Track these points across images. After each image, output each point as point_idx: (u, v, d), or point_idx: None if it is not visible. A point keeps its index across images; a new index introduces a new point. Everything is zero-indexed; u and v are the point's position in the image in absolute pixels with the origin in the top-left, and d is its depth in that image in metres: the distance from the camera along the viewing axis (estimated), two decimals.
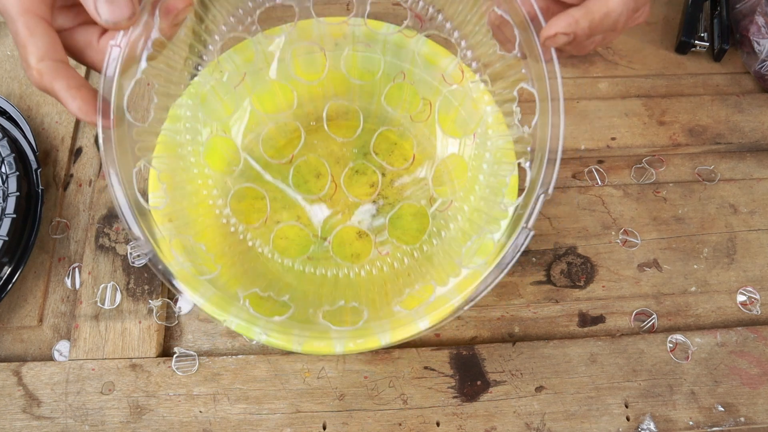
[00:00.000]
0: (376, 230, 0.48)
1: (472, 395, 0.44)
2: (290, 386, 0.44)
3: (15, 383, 0.43)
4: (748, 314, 0.48)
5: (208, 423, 0.42)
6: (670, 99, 0.57)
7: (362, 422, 0.43)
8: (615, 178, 0.54)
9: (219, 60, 0.47)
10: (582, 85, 0.58)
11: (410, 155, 0.52)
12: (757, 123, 0.56)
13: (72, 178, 0.52)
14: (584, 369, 0.45)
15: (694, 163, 0.55)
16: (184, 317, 0.47)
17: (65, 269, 0.49)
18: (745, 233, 0.51)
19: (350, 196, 0.49)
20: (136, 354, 0.45)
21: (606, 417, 0.43)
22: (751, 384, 0.45)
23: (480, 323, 0.47)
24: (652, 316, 0.48)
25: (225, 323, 0.36)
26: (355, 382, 0.44)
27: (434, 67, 0.45)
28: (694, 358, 0.46)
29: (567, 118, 0.56)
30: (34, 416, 0.42)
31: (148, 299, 0.46)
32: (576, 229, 0.51)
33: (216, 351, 0.46)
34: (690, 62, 0.60)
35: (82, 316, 0.46)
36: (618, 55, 0.60)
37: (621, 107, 0.57)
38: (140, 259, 0.48)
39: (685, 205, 0.52)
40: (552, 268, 0.49)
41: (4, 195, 0.47)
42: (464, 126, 0.46)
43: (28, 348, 0.46)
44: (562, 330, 0.47)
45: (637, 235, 0.51)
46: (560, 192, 0.53)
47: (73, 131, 0.54)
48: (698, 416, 0.43)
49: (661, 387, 0.44)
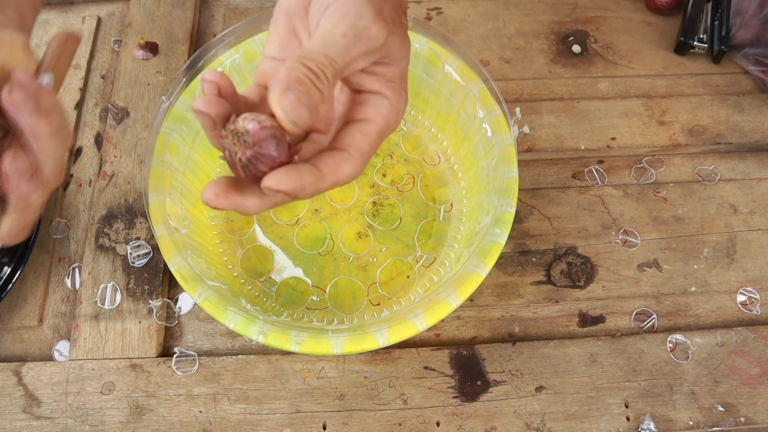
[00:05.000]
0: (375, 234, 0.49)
1: (472, 395, 0.44)
2: (290, 386, 0.44)
3: (15, 383, 0.43)
4: (748, 314, 0.48)
5: (208, 423, 0.42)
6: (670, 99, 0.57)
7: (362, 422, 0.43)
8: (615, 178, 0.54)
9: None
10: (582, 85, 0.58)
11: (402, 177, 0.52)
12: (757, 123, 0.56)
13: (72, 178, 0.52)
14: (584, 369, 0.45)
15: (694, 163, 0.55)
16: (184, 317, 0.47)
17: (65, 269, 0.49)
18: (745, 233, 0.51)
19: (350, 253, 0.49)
20: (136, 354, 0.45)
21: (606, 417, 0.43)
22: (751, 384, 0.45)
23: (480, 323, 0.47)
24: (652, 316, 0.48)
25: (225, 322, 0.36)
26: (355, 382, 0.44)
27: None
28: (694, 358, 0.45)
29: (567, 118, 0.56)
30: (34, 416, 0.42)
31: (148, 299, 0.46)
32: (576, 229, 0.51)
33: (216, 351, 0.46)
34: (690, 62, 0.60)
35: (82, 316, 0.46)
36: (618, 55, 0.60)
37: (621, 107, 0.57)
38: (140, 259, 0.48)
39: (685, 205, 0.52)
40: (552, 268, 0.49)
41: None
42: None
43: (28, 348, 0.46)
44: (562, 330, 0.47)
45: (637, 235, 0.51)
46: (560, 192, 0.53)
47: (73, 131, 0.54)
48: (698, 416, 0.43)
49: (661, 387, 0.44)
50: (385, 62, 0.29)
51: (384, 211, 0.49)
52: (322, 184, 0.27)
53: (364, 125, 0.29)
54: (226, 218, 0.48)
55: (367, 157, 0.29)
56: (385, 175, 0.51)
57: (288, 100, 0.25)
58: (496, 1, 0.63)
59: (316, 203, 0.49)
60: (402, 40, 0.30)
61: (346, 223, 0.48)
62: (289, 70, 0.25)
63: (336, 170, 0.27)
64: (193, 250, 0.41)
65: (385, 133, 0.30)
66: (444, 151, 0.51)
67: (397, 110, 0.30)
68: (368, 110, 0.29)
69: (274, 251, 0.47)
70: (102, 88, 0.57)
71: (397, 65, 0.30)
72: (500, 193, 0.41)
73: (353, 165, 0.28)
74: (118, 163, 0.52)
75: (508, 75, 0.58)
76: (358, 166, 0.28)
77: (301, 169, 0.26)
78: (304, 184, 0.26)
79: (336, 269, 0.47)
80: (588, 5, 0.63)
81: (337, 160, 0.27)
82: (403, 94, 0.30)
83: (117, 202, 0.50)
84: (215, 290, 0.38)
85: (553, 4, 0.63)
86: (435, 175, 0.51)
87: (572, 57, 0.60)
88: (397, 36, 0.29)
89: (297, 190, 0.25)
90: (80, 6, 0.62)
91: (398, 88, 0.30)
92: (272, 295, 0.45)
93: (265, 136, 0.25)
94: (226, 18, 0.61)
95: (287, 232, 0.48)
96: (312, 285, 0.46)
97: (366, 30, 0.27)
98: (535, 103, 0.57)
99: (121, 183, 0.51)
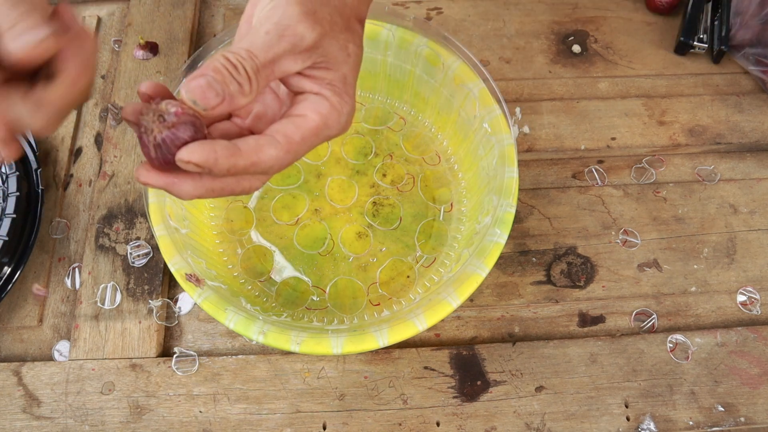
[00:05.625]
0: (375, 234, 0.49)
1: (472, 395, 0.44)
2: (290, 386, 0.44)
3: (15, 383, 0.43)
4: (748, 314, 0.48)
5: (208, 423, 0.42)
6: (670, 99, 0.57)
7: (362, 422, 0.43)
8: (615, 178, 0.54)
9: None
10: (582, 85, 0.58)
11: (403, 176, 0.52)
12: (757, 123, 0.56)
13: (72, 178, 0.52)
14: (584, 369, 0.45)
15: (694, 163, 0.55)
16: (184, 317, 0.47)
17: (65, 269, 0.49)
18: (745, 233, 0.51)
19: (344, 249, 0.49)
20: (136, 354, 0.45)
21: (606, 417, 0.43)
22: (751, 384, 0.45)
23: (480, 323, 0.47)
24: (652, 316, 0.48)
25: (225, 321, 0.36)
26: (355, 382, 0.44)
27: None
28: (694, 358, 0.45)
29: (567, 118, 0.56)
30: (34, 416, 0.42)
31: (148, 299, 0.46)
32: (576, 229, 0.51)
33: (216, 351, 0.46)
34: (690, 62, 0.60)
35: (82, 316, 0.46)
36: (618, 55, 0.60)
37: (621, 107, 0.57)
38: (140, 260, 0.48)
39: (685, 205, 0.52)
40: (552, 268, 0.49)
41: (4, 195, 0.47)
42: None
43: (28, 348, 0.46)
44: (562, 330, 0.47)
45: (637, 235, 0.51)
46: (560, 192, 0.53)
47: (73, 131, 0.54)
48: (698, 416, 0.43)
49: (661, 387, 0.44)
50: (324, 66, 0.29)
51: (384, 211, 0.49)
52: (239, 161, 0.26)
53: (298, 119, 0.29)
54: (226, 218, 0.48)
55: (296, 147, 0.28)
56: (385, 175, 0.51)
57: (195, 83, 0.25)
58: (496, 1, 0.63)
59: (316, 203, 0.49)
60: (343, 45, 0.30)
61: (346, 223, 0.48)
62: (210, 61, 0.26)
63: (257, 150, 0.27)
64: (193, 250, 0.41)
65: (323, 133, 0.29)
66: (444, 151, 0.51)
67: (339, 112, 0.29)
68: (305, 107, 0.29)
69: (274, 251, 0.47)
70: (102, 88, 0.57)
71: (337, 70, 0.30)
72: (500, 193, 0.41)
73: (277, 150, 0.28)
74: (118, 163, 0.52)
75: (508, 75, 0.58)
76: (283, 153, 0.28)
77: (215, 143, 0.26)
78: (217, 157, 0.26)
79: (336, 269, 0.47)
80: (588, 5, 0.63)
81: (260, 142, 0.27)
82: (347, 98, 0.30)
83: (117, 202, 0.50)
84: (215, 290, 0.38)
85: (553, 4, 0.63)
86: (435, 175, 0.51)
87: (572, 57, 0.60)
88: (338, 41, 0.29)
89: (210, 162, 0.25)
90: (80, 6, 0.62)
91: (340, 91, 0.30)
92: (272, 295, 0.45)
93: (184, 120, 0.26)
94: (226, 18, 0.61)
95: (287, 232, 0.48)
96: (312, 285, 0.46)
97: (290, 28, 0.27)
98: (535, 103, 0.57)
99: (121, 183, 0.51)
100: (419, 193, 0.50)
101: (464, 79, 0.46)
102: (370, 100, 0.53)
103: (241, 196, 0.49)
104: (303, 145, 0.29)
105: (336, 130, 0.30)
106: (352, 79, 0.31)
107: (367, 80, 0.52)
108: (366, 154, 0.51)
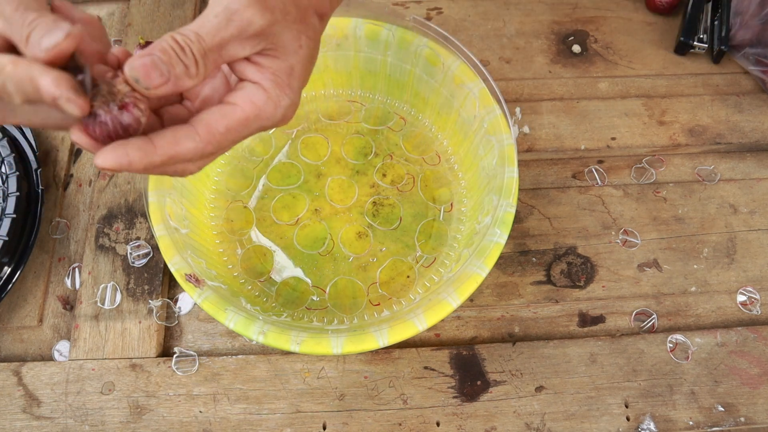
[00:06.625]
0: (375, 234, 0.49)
1: (472, 395, 0.44)
2: (290, 386, 0.44)
3: (15, 383, 0.43)
4: (748, 314, 0.48)
5: (208, 423, 0.42)
6: (670, 99, 0.57)
7: (362, 422, 0.43)
8: (615, 178, 0.54)
9: None
10: (582, 85, 0.58)
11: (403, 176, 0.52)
12: (757, 123, 0.56)
13: (72, 178, 0.52)
14: (584, 369, 0.45)
15: (694, 163, 0.55)
16: (184, 317, 0.47)
17: (65, 269, 0.49)
18: (745, 233, 0.51)
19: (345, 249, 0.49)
20: (136, 354, 0.45)
21: (606, 417, 0.43)
22: (751, 384, 0.45)
23: (480, 323, 0.47)
24: (652, 316, 0.48)
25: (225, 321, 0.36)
26: (355, 382, 0.44)
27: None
28: (694, 358, 0.45)
29: (567, 118, 0.56)
30: (34, 416, 0.42)
31: (148, 299, 0.46)
32: (576, 229, 0.51)
33: (216, 351, 0.46)
34: (690, 62, 0.60)
35: (82, 316, 0.46)
36: (618, 55, 0.60)
37: (621, 107, 0.57)
38: (140, 260, 0.48)
39: (685, 205, 0.52)
40: (552, 268, 0.49)
41: (4, 195, 0.47)
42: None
43: (28, 348, 0.46)
44: (562, 330, 0.47)
45: (637, 235, 0.51)
46: (560, 192, 0.53)
47: None
48: (698, 416, 0.43)
49: (661, 387, 0.44)
50: (272, 54, 0.29)
51: (384, 211, 0.49)
52: (154, 158, 0.26)
53: (227, 108, 0.28)
54: (226, 218, 0.48)
55: (218, 138, 0.28)
56: (385, 175, 0.50)
57: (140, 61, 0.25)
58: (496, 1, 0.63)
59: (316, 203, 0.49)
60: (296, 35, 0.29)
61: (346, 223, 0.48)
62: (158, 41, 0.26)
63: (174, 144, 0.27)
64: (193, 250, 0.41)
65: (254, 124, 0.29)
66: (444, 151, 0.51)
67: (276, 105, 0.29)
68: (239, 96, 0.29)
69: (274, 251, 0.47)
70: None
71: (284, 60, 0.29)
72: (500, 193, 0.41)
73: (195, 142, 0.27)
74: None
75: (508, 75, 0.58)
76: (202, 144, 0.27)
77: (127, 145, 0.26)
78: (131, 160, 0.25)
79: (336, 269, 0.47)
80: (588, 5, 0.63)
81: (178, 135, 0.27)
82: (288, 90, 0.29)
83: (117, 202, 0.50)
84: (215, 290, 0.38)
85: (553, 4, 0.63)
86: (435, 175, 0.51)
87: (572, 57, 0.60)
88: (291, 31, 0.29)
89: (124, 165, 0.25)
90: (80, 6, 0.62)
91: (282, 83, 0.29)
92: (272, 295, 0.45)
93: (129, 103, 0.25)
94: None
95: (287, 232, 0.48)
96: (312, 285, 0.46)
97: (237, 13, 0.27)
98: (535, 103, 0.57)
99: (121, 183, 0.51)
100: (419, 193, 0.50)
101: (464, 79, 0.46)
102: (370, 100, 0.53)
103: (238, 194, 0.49)
104: (227, 136, 0.28)
105: (271, 122, 0.30)
106: (300, 71, 0.30)
107: (367, 80, 0.52)
108: (366, 154, 0.51)
